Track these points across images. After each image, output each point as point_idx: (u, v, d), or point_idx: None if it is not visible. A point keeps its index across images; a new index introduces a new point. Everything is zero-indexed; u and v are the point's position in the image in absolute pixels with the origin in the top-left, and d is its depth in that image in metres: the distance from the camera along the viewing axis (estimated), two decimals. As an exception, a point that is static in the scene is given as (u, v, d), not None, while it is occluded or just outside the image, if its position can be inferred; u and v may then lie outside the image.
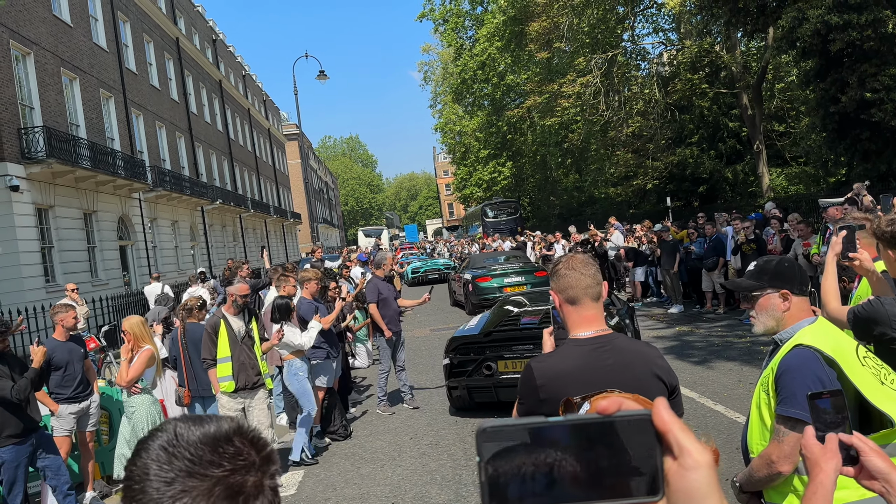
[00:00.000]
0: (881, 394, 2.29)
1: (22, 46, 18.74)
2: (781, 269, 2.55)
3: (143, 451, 0.89)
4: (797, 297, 2.50)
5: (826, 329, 2.48)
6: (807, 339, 2.39)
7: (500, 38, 36.27)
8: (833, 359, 2.32)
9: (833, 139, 17.57)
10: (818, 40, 15.03)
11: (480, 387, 7.62)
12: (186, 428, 0.91)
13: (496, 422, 0.64)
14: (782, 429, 2.32)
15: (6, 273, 17.01)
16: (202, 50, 39.03)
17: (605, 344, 2.35)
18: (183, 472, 0.86)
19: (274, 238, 51.07)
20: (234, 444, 0.91)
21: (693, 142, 27.26)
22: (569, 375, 2.26)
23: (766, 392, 2.46)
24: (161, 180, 26.82)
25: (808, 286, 2.57)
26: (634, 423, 0.63)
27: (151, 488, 0.85)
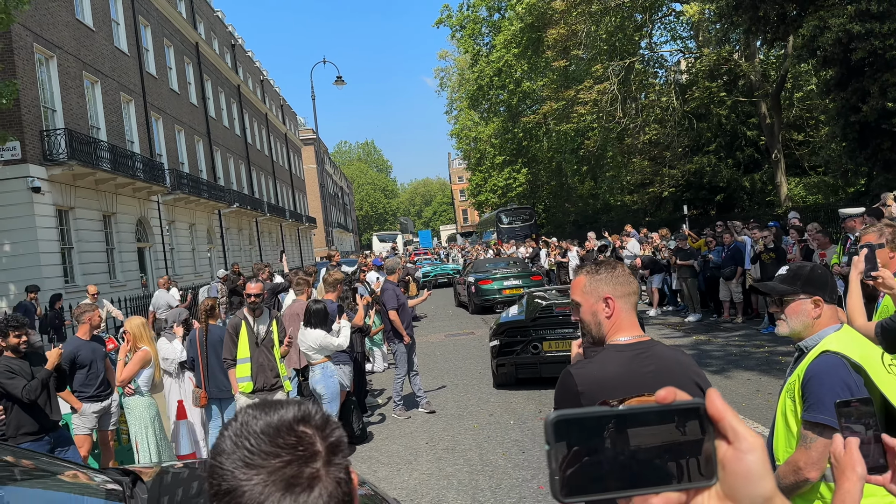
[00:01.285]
0: None
1: (45, 50, 19.00)
2: (815, 275, 2.55)
3: (220, 439, 0.92)
4: (829, 304, 2.51)
5: (852, 336, 2.47)
6: (833, 346, 2.39)
7: (516, 44, 36.29)
8: (860, 365, 2.31)
9: (853, 148, 17.41)
10: (839, 49, 14.91)
11: (526, 364, 8.94)
12: (253, 416, 0.93)
13: (565, 412, 0.67)
14: (810, 435, 2.31)
15: (27, 273, 17.20)
16: (221, 55, 39.39)
17: (645, 350, 2.34)
18: (241, 462, 0.89)
19: (289, 242, 51.32)
20: (295, 432, 0.92)
21: (710, 150, 27.09)
22: (610, 382, 2.24)
23: (791, 399, 2.45)
24: (179, 183, 27.05)
25: (836, 294, 2.58)
26: (690, 411, 0.67)
27: (218, 475, 0.89)
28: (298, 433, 0.92)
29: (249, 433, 0.91)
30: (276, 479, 0.89)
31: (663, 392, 0.67)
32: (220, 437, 0.93)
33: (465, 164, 59.72)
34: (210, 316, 6.87)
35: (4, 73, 16.36)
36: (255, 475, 0.89)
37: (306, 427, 0.93)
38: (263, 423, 0.92)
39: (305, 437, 0.92)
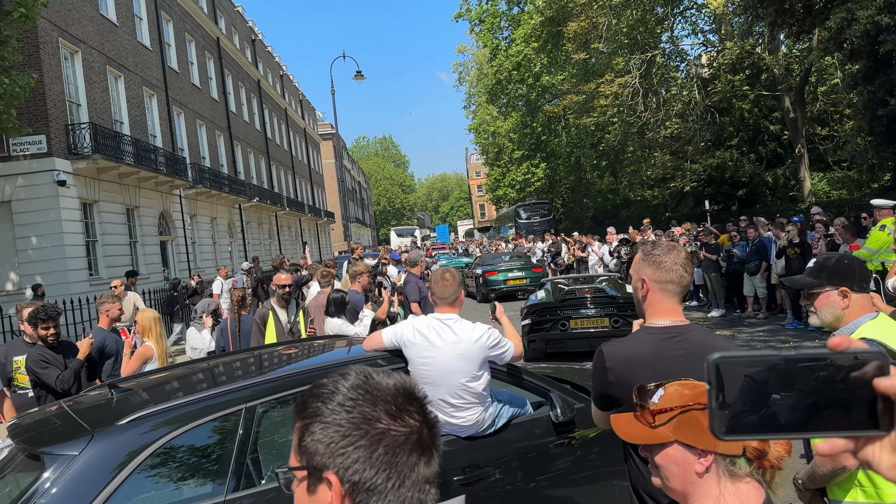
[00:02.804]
0: None
1: (70, 45, 19.21)
2: (841, 266, 2.55)
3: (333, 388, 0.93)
4: (857, 294, 2.50)
5: (888, 324, 2.47)
6: (869, 333, 2.39)
7: (536, 38, 36.13)
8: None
9: (880, 142, 17.16)
10: (867, 42, 14.69)
11: (555, 339, 9.99)
12: (376, 374, 0.95)
13: (729, 353, 0.67)
14: None
15: (52, 266, 17.44)
16: (241, 50, 39.60)
17: (679, 334, 2.38)
18: (384, 411, 0.90)
19: (308, 236, 51.59)
20: (420, 402, 0.95)
21: (733, 144, 26.81)
22: (638, 361, 2.31)
23: None
24: (201, 177, 27.26)
25: (868, 282, 2.58)
26: (863, 361, 0.66)
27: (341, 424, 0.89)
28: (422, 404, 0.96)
29: (384, 388, 0.93)
30: (416, 437, 0.91)
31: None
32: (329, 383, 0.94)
33: (484, 159, 59.63)
34: (241, 307, 6.92)
35: (30, 67, 16.56)
36: (399, 427, 0.91)
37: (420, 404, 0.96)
38: (395, 383, 0.95)
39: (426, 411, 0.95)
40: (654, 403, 1.48)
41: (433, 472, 0.92)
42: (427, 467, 0.91)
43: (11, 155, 17.49)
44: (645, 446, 1.51)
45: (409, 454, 0.89)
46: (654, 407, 1.48)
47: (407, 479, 0.88)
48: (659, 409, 1.47)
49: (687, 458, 1.45)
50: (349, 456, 0.87)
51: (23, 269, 17.56)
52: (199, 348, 7.25)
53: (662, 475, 1.50)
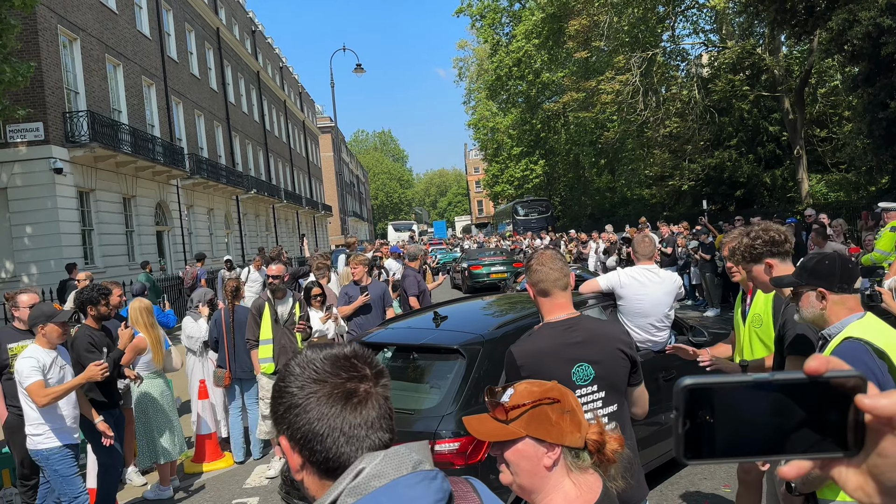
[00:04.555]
0: None
1: (69, 32, 19.11)
2: (820, 267, 2.59)
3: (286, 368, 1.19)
4: (837, 294, 2.54)
5: (875, 323, 2.49)
6: (856, 332, 2.42)
7: (537, 35, 36.09)
8: (884, 351, 2.33)
9: (879, 145, 17.17)
10: (869, 43, 14.68)
11: None
12: (314, 351, 1.20)
13: (697, 378, 0.65)
14: None
15: (47, 254, 17.38)
16: (241, 41, 39.46)
17: (574, 324, 2.65)
18: (310, 379, 1.15)
19: (305, 229, 51.52)
20: (350, 361, 1.18)
21: (732, 145, 26.82)
22: (544, 353, 2.56)
23: None
24: (198, 168, 27.18)
25: (852, 283, 2.56)
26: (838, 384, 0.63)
27: (288, 393, 1.15)
28: (352, 362, 1.18)
29: (314, 360, 1.17)
30: (339, 392, 1.14)
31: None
32: (285, 367, 1.19)
33: (482, 155, 59.58)
34: (235, 297, 6.89)
35: (28, 54, 16.48)
36: (320, 389, 1.14)
37: (356, 359, 1.19)
38: (324, 354, 1.19)
39: (358, 365, 1.18)
40: (506, 402, 1.57)
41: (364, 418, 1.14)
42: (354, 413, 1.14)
43: (8, 142, 17.41)
44: (496, 444, 1.58)
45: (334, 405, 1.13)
46: (506, 405, 1.56)
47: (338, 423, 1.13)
48: (511, 405, 1.56)
49: (537, 451, 1.54)
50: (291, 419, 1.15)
51: (18, 256, 17.51)
52: (195, 337, 7.22)
53: (512, 471, 1.58)
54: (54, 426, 4.64)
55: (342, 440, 1.12)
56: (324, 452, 1.13)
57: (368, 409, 1.14)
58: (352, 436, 1.13)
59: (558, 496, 1.54)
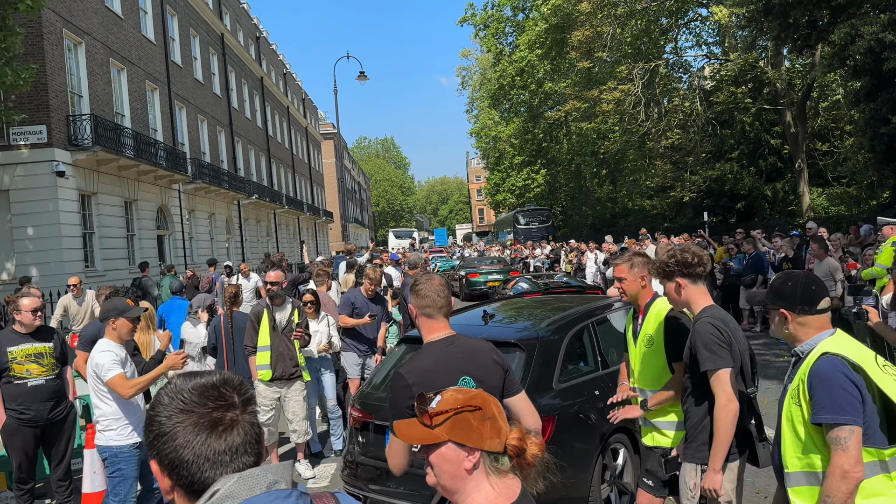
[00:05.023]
0: None
1: (74, 36, 19.18)
2: (784, 288, 2.65)
3: (157, 397, 1.28)
4: (801, 315, 2.59)
5: (846, 339, 2.55)
6: (831, 348, 2.47)
7: (540, 45, 36.20)
8: (859, 365, 2.39)
9: (881, 160, 17.21)
10: (871, 59, 14.72)
11: None
12: (184, 380, 1.29)
13: None
14: (841, 436, 2.34)
15: (48, 256, 17.39)
16: (246, 47, 39.59)
17: (454, 342, 2.90)
18: (177, 409, 1.24)
19: (306, 235, 51.55)
20: (218, 390, 1.27)
21: (733, 157, 26.88)
22: (432, 370, 2.75)
23: (798, 405, 2.50)
24: (200, 173, 27.22)
25: (813, 305, 2.60)
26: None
27: (157, 422, 1.24)
28: (220, 391, 1.27)
29: (183, 390, 1.26)
30: (205, 422, 1.23)
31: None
32: (156, 396, 1.28)
33: (484, 164, 59.68)
34: (234, 303, 6.89)
35: (33, 57, 16.53)
36: (187, 418, 1.23)
37: (225, 387, 1.28)
38: (193, 384, 1.27)
39: (226, 393, 1.27)
40: (433, 408, 1.66)
41: (228, 445, 1.23)
42: (219, 440, 1.23)
43: (11, 144, 17.44)
44: (423, 448, 1.68)
45: (200, 433, 1.22)
46: (432, 411, 1.66)
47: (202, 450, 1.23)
48: (436, 412, 1.65)
49: (458, 455, 1.62)
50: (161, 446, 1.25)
51: (19, 258, 17.52)
52: (194, 342, 7.22)
53: (436, 473, 1.67)
54: (132, 421, 4.65)
55: (206, 466, 1.22)
56: (189, 477, 1.22)
57: (234, 435, 1.24)
58: (216, 461, 1.22)
59: (479, 497, 1.63)
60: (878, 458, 2.38)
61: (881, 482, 2.38)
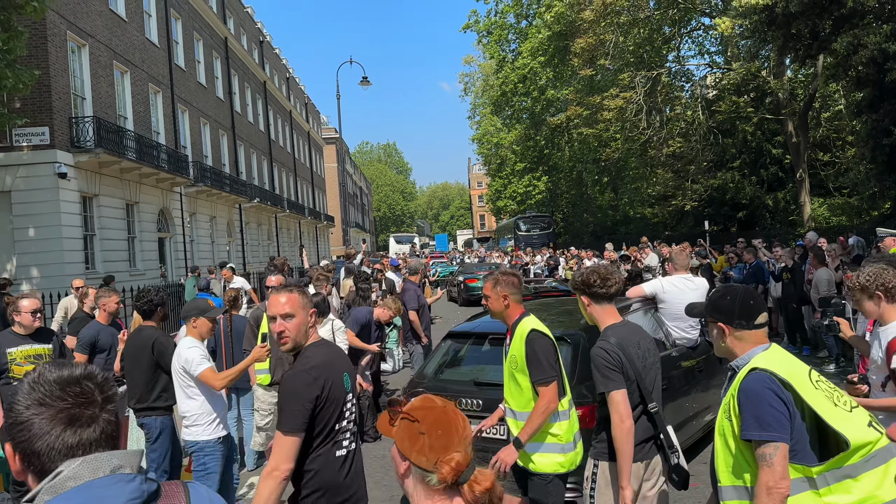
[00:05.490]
0: (836, 415, 2.39)
1: (78, 38, 19.24)
2: (722, 302, 2.68)
3: (20, 384, 1.32)
4: (739, 330, 2.61)
5: (779, 355, 2.56)
6: (761, 364, 2.48)
7: (543, 52, 36.26)
8: (788, 382, 2.41)
9: (882, 171, 17.22)
10: (874, 69, 14.75)
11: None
12: (49, 370, 1.32)
13: None
14: (766, 452, 2.36)
15: (49, 258, 17.40)
16: (249, 51, 39.68)
17: (327, 343, 3.25)
18: (36, 401, 1.28)
19: (307, 239, 51.57)
20: (81, 385, 1.30)
21: (735, 166, 26.91)
22: (329, 363, 3.00)
23: (728, 419, 2.52)
24: (202, 176, 27.25)
25: (751, 320, 2.62)
26: None
27: (16, 410, 1.28)
28: (83, 386, 1.30)
29: (45, 381, 1.29)
30: (63, 416, 1.27)
31: None
32: (20, 383, 1.32)
33: (486, 170, 59.76)
34: (233, 307, 6.89)
35: (36, 59, 16.58)
36: (45, 411, 1.26)
37: (88, 383, 1.31)
38: (56, 376, 1.30)
39: (87, 389, 1.30)
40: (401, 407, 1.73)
41: (82, 440, 1.27)
42: (73, 435, 1.27)
43: (13, 145, 17.48)
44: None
45: (55, 427, 1.26)
46: (400, 408, 1.72)
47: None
48: (398, 410, 1.72)
49: (397, 458, 1.68)
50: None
51: (20, 259, 17.53)
52: (193, 346, 7.20)
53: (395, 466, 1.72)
54: (218, 415, 4.77)
55: (58, 458, 1.27)
56: (40, 466, 1.28)
57: (89, 431, 1.29)
58: (68, 455, 1.27)
59: (416, 501, 1.65)
60: (805, 474, 2.38)
61: (809, 498, 2.38)
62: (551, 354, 3.66)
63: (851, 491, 2.35)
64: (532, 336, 3.67)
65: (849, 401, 2.50)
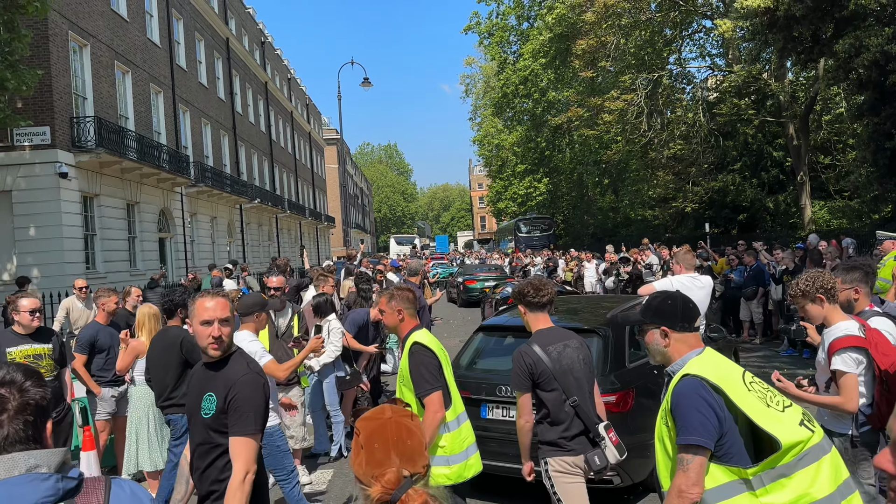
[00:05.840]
0: (768, 416, 2.45)
1: (80, 38, 19.26)
2: (664, 307, 2.74)
3: None
4: (679, 332, 2.68)
5: (712, 359, 2.62)
6: (694, 370, 2.54)
7: (544, 54, 36.22)
8: (718, 386, 2.46)
9: (884, 174, 17.20)
10: (876, 72, 14.72)
11: None
12: None
13: None
14: (686, 457, 2.42)
15: (49, 257, 17.41)
16: (250, 51, 39.70)
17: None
18: None
19: (307, 240, 51.58)
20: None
21: (735, 169, 26.90)
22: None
23: (665, 424, 2.58)
24: (203, 176, 27.27)
25: (692, 322, 2.72)
26: None
27: None
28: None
29: None
30: None
31: None
32: None
33: (487, 171, 59.77)
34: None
35: (38, 58, 16.59)
36: None
37: (6, 389, 1.41)
38: None
39: (4, 394, 1.40)
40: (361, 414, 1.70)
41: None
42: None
43: (15, 145, 17.49)
44: None
45: None
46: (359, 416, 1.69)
47: None
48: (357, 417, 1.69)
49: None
50: None
51: (20, 259, 17.53)
52: (192, 347, 7.20)
53: None
54: (275, 404, 5.02)
55: None
56: None
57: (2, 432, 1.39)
58: None
59: None
60: (740, 476, 2.41)
61: (746, 500, 2.41)
62: (433, 366, 3.72)
63: (786, 489, 2.39)
64: (414, 349, 3.75)
65: (782, 401, 2.55)
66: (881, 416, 3.48)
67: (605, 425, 3.72)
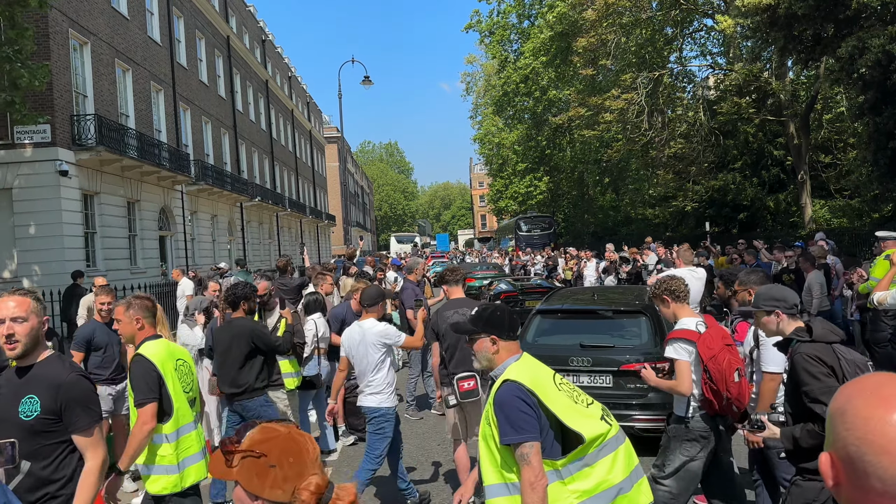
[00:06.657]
0: (574, 412, 2.76)
1: (80, 36, 19.25)
2: (494, 317, 2.98)
3: None
4: (505, 341, 2.94)
5: (528, 365, 2.89)
6: (512, 375, 2.80)
7: (545, 52, 36.20)
8: (532, 390, 2.73)
9: (884, 174, 17.17)
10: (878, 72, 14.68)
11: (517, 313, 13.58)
12: None
13: None
14: (524, 453, 2.65)
15: (49, 255, 17.41)
16: (251, 49, 39.69)
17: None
18: None
19: (308, 238, 51.58)
20: None
21: (736, 168, 26.87)
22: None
23: (488, 424, 2.80)
24: (204, 174, 27.26)
25: (516, 331, 3.02)
26: None
27: None
28: None
29: None
30: None
31: None
32: None
33: (487, 170, 59.76)
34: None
35: (39, 56, 16.58)
36: None
37: None
38: None
39: None
40: (236, 445, 1.58)
41: None
42: None
43: (15, 143, 17.48)
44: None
45: None
46: (234, 448, 1.58)
47: None
48: (231, 450, 1.57)
49: (245, 498, 1.54)
50: None
51: (21, 257, 17.54)
52: (191, 345, 7.20)
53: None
54: (393, 387, 5.47)
55: None
56: None
57: None
58: None
59: None
60: (552, 467, 2.71)
61: (556, 489, 2.70)
62: (151, 378, 3.71)
63: (590, 477, 2.73)
64: (136, 359, 3.78)
65: (586, 398, 2.89)
66: (708, 401, 4.09)
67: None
